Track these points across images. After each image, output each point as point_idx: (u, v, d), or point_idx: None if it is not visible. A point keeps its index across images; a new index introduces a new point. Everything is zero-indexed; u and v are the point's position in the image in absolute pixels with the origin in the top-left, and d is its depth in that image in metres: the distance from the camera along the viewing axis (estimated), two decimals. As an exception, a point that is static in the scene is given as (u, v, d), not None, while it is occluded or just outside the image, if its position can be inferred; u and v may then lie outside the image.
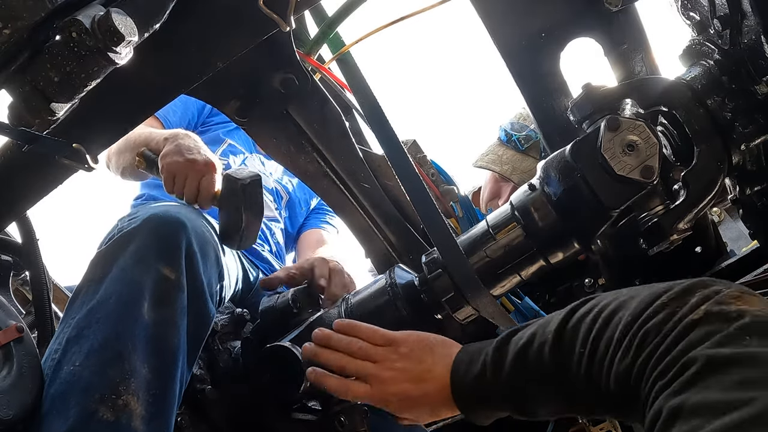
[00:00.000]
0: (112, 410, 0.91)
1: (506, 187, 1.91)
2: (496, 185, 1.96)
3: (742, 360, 0.56)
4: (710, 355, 0.58)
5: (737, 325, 0.60)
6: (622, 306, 0.73)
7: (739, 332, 0.59)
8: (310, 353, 1.00)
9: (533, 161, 1.83)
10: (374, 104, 1.06)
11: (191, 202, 1.32)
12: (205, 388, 1.16)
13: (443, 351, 0.95)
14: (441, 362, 0.93)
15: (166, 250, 1.07)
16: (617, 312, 0.73)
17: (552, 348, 0.80)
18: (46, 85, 0.69)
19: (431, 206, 1.03)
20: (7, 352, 0.94)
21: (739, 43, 0.94)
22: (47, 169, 0.96)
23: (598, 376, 0.73)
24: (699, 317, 0.63)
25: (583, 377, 0.75)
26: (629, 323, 0.69)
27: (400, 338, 0.98)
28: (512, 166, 1.86)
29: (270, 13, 0.87)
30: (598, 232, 0.97)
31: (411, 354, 0.95)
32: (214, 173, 1.34)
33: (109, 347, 0.96)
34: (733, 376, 0.55)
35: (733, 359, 0.56)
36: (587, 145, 0.94)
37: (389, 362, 0.95)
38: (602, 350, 0.72)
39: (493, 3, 1.10)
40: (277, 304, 1.26)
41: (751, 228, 1.15)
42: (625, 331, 0.70)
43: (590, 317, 0.77)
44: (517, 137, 1.87)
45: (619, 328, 0.71)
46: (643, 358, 0.65)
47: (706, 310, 0.63)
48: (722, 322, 0.61)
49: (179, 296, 1.06)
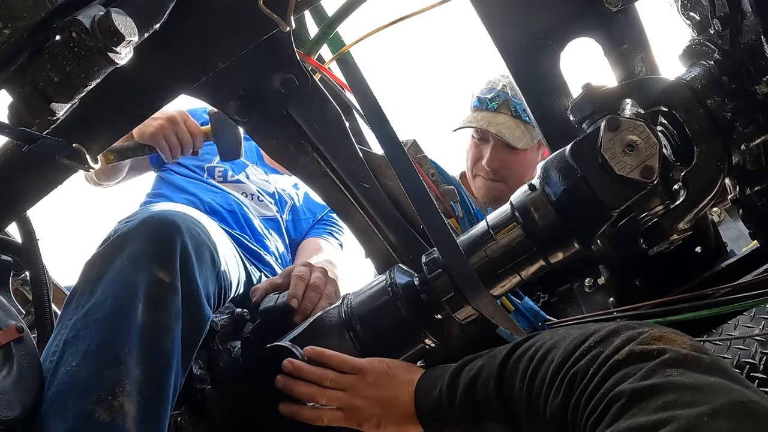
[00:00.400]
0: (109, 411, 0.92)
1: (486, 147, 1.98)
2: (477, 149, 2.02)
3: (662, 387, 0.61)
4: (633, 388, 0.63)
5: (658, 360, 0.66)
6: (555, 346, 0.81)
7: (660, 366, 0.65)
8: (283, 386, 1.07)
9: (505, 116, 1.93)
10: (374, 104, 1.06)
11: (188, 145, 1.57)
12: (205, 388, 1.16)
13: (407, 378, 1.05)
14: (405, 390, 1.03)
15: (161, 253, 1.07)
16: (551, 351, 0.80)
17: (497, 382, 0.89)
18: (46, 85, 0.69)
19: (431, 206, 1.03)
20: (7, 352, 0.94)
21: (739, 43, 0.94)
22: (47, 169, 0.96)
23: (536, 409, 0.80)
24: (622, 358, 0.68)
25: (524, 409, 0.83)
26: (560, 363, 0.76)
27: (367, 366, 1.06)
28: (487, 121, 1.93)
29: (270, 13, 0.87)
30: (598, 232, 0.97)
31: (378, 382, 1.04)
32: (187, 115, 1.63)
33: (106, 349, 0.97)
34: (656, 401, 0.60)
35: (655, 388, 0.61)
36: (587, 145, 0.94)
37: (359, 391, 1.04)
38: (537, 386, 0.79)
39: (493, 3, 1.10)
40: (277, 304, 1.26)
41: (751, 228, 1.15)
42: (557, 370, 0.76)
43: (528, 355, 0.85)
44: (488, 99, 1.96)
45: (552, 368, 0.77)
46: (575, 398, 0.71)
47: (629, 351, 0.68)
48: (644, 361, 0.66)
49: (174, 299, 1.06)
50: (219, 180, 1.83)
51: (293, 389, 1.07)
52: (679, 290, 1.20)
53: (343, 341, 1.12)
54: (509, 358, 0.89)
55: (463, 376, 0.96)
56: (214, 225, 1.34)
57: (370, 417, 1.04)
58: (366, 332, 1.12)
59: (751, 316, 1.50)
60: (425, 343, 1.12)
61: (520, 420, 0.86)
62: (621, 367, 0.67)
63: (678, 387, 0.61)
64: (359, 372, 1.06)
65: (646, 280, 1.26)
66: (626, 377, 0.65)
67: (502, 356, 0.91)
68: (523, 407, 0.83)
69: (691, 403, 0.58)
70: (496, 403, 0.89)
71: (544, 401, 0.78)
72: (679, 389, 0.60)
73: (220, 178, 1.83)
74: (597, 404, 0.66)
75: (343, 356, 1.08)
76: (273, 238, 1.80)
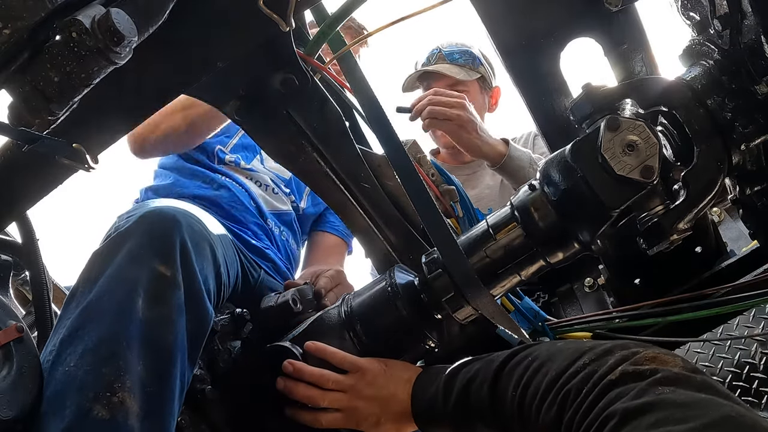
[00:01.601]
0: (108, 408, 0.91)
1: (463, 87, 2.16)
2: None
3: (654, 405, 0.62)
4: (626, 407, 0.64)
5: (650, 380, 0.67)
6: (550, 359, 0.83)
7: (652, 385, 0.66)
8: (284, 388, 1.08)
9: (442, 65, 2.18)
10: (374, 104, 1.06)
11: None
12: (205, 388, 1.16)
13: (404, 376, 1.07)
14: (403, 388, 1.05)
15: (161, 248, 1.07)
16: (545, 364, 0.82)
17: (490, 387, 0.91)
18: (46, 85, 0.69)
19: (431, 206, 1.03)
20: (7, 352, 0.94)
21: (739, 43, 0.94)
22: (47, 169, 0.96)
23: (527, 417, 0.82)
24: (616, 378, 0.69)
25: (516, 417, 0.85)
26: (554, 378, 0.78)
27: (366, 365, 1.07)
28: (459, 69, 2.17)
29: (270, 13, 0.87)
30: (598, 232, 0.97)
31: (376, 381, 1.06)
32: None
33: (103, 346, 0.96)
34: (649, 418, 0.61)
35: (647, 406, 0.63)
36: (587, 145, 0.94)
37: (358, 391, 1.05)
38: (530, 397, 0.82)
39: (493, 3, 1.10)
40: (277, 304, 1.26)
41: (751, 228, 1.15)
42: (551, 384, 0.78)
43: (524, 364, 0.87)
44: (425, 61, 2.22)
45: (546, 381, 0.79)
46: (569, 415, 0.72)
47: (622, 371, 0.70)
48: (636, 381, 0.68)
49: (175, 293, 1.05)
50: (231, 167, 1.75)
51: (293, 392, 1.07)
52: (679, 290, 1.20)
53: (343, 341, 1.12)
54: (505, 365, 0.91)
55: (460, 378, 0.98)
56: (213, 221, 1.33)
57: (368, 416, 1.05)
58: (366, 332, 1.12)
59: (751, 316, 1.50)
60: (425, 344, 1.12)
61: (510, 426, 0.87)
62: (614, 386, 0.69)
63: (670, 404, 0.62)
64: (358, 370, 1.06)
65: (646, 280, 1.26)
66: (619, 396, 0.67)
67: (499, 362, 0.93)
68: (515, 414, 0.85)
69: (683, 419, 0.59)
70: (488, 408, 0.91)
71: (536, 412, 0.80)
72: (670, 406, 0.61)
73: (231, 164, 1.76)
74: (591, 423, 0.67)
75: (344, 354, 1.08)
76: (281, 234, 1.76)
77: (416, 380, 1.06)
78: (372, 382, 1.06)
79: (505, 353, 0.94)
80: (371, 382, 1.05)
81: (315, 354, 1.09)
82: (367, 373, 1.06)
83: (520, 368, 0.88)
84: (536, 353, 0.88)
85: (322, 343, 1.10)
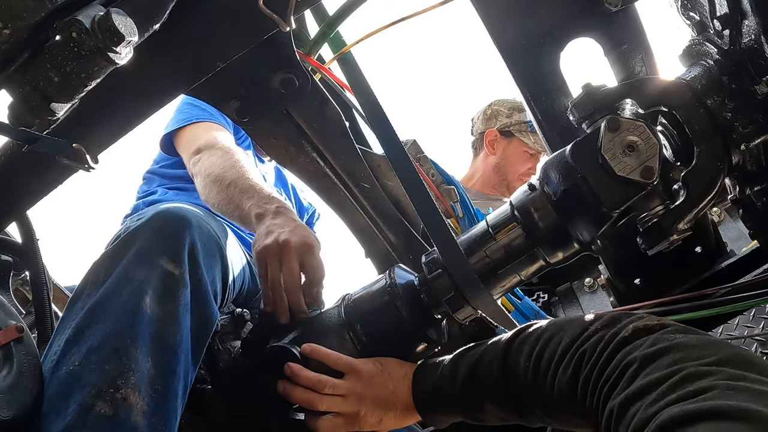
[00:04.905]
0: (110, 404, 0.90)
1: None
2: (533, 160, 2.54)
3: (671, 348, 0.69)
4: (644, 353, 0.70)
5: (662, 330, 0.74)
6: (561, 329, 0.87)
7: (664, 334, 0.73)
8: (283, 391, 1.08)
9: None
10: (374, 104, 1.06)
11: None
12: (205, 388, 1.16)
13: (400, 372, 1.07)
14: (401, 384, 1.05)
15: (170, 246, 1.07)
16: (557, 333, 0.86)
17: (501, 363, 0.93)
18: (46, 85, 0.69)
19: (431, 206, 1.03)
20: (7, 352, 0.94)
21: (739, 43, 0.94)
22: (47, 169, 0.96)
23: (542, 387, 0.85)
24: (629, 334, 0.76)
25: (530, 387, 0.87)
26: (569, 343, 0.82)
27: (361, 366, 1.07)
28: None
29: (270, 13, 0.87)
30: (598, 233, 0.97)
31: (373, 381, 1.05)
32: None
33: (107, 344, 0.95)
34: (667, 359, 0.67)
35: (664, 350, 0.69)
36: (587, 146, 0.94)
37: (356, 395, 1.05)
38: (545, 365, 0.85)
39: (493, 3, 1.10)
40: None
41: (751, 228, 1.15)
42: (566, 349, 0.82)
43: (534, 337, 0.90)
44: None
45: (560, 347, 0.83)
46: (586, 372, 0.77)
47: (634, 327, 0.76)
48: (649, 333, 0.74)
49: (183, 292, 1.05)
50: None
51: (291, 395, 1.07)
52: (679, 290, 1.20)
53: (343, 341, 1.12)
54: (513, 341, 0.93)
55: (465, 362, 0.99)
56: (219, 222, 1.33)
57: (371, 417, 1.05)
58: (366, 332, 1.12)
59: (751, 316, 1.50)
60: (425, 344, 1.12)
61: (522, 401, 0.90)
62: (629, 341, 0.74)
63: (684, 346, 0.68)
64: (353, 372, 1.06)
65: (646, 280, 1.26)
66: (636, 347, 0.72)
67: (506, 339, 0.95)
68: (528, 386, 0.87)
69: (699, 357, 0.66)
70: (498, 385, 0.93)
71: (552, 378, 0.83)
72: (685, 348, 0.68)
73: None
74: (610, 373, 0.72)
75: (338, 355, 1.08)
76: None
77: (415, 373, 1.07)
78: (370, 383, 1.05)
79: (511, 332, 0.96)
80: (369, 384, 1.05)
81: (310, 356, 1.09)
82: (363, 375, 1.06)
83: (530, 340, 0.90)
84: (544, 326, 0.91)
85: (318, 345, 1.09)
